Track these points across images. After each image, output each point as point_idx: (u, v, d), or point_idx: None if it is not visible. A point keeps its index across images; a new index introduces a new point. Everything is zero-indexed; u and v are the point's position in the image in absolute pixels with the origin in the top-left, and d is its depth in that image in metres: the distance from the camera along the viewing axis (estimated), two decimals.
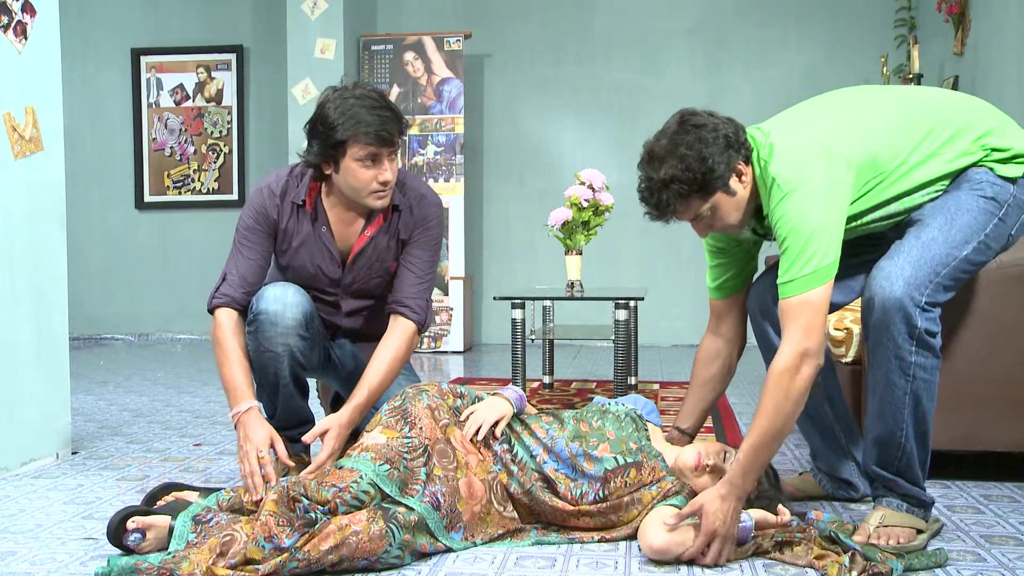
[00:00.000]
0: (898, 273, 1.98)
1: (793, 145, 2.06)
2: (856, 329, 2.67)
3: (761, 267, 2.52)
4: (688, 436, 2.40)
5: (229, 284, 2.50)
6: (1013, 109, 4.50)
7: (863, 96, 2.23)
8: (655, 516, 2.05)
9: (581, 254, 4.11)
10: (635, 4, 6.69)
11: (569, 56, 6.76)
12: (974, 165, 2.09)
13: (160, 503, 2.15)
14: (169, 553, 1.88)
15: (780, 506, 2.09)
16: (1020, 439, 2.57)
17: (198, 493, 2.19)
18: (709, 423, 3.60)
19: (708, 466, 2.13)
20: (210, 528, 1.96)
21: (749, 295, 2.37)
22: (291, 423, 2.59)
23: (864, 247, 2.22)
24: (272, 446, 2.29)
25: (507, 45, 6.80)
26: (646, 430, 2.24)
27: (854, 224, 2.09)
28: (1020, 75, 4.41)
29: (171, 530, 1.98)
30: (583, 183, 4.01)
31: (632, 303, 4.21)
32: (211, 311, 2.49)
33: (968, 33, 5.14)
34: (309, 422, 2.62)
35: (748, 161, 2.07)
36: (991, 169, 2.08)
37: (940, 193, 2.09)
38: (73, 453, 3.11)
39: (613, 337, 3.85)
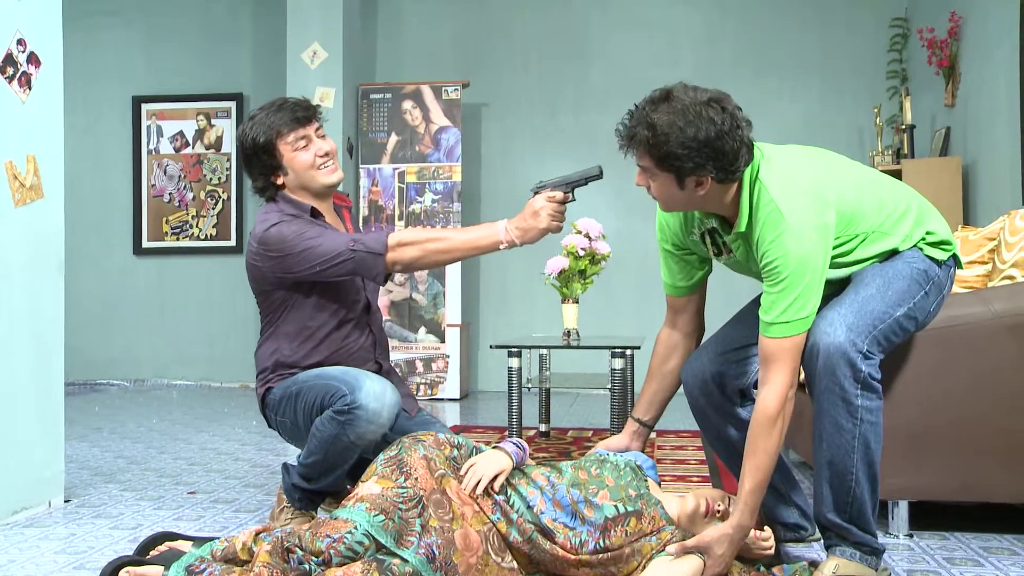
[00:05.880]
0: (840, 320, 2.06)
1: (794, 180, 2.07)
2: None
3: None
4: (647, 427, 2.45)
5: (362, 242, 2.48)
6: (1003, 159, 4.55)
7: (850, 162, 2.30)
8: (655, 564, 2.07)
9: (578, 302, 4.12)
10: (631, 55, 6.78)
11: (566, 106, 6.84)
12: (911, 247, 2.20)
13: (153, 553, 2.13)
14: None
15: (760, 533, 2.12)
16: (1019, 490, 2.56)
17: (192, 543, 2.17)
18: (703, 456, 3.59)
19: (719, 512, 2.16)
20: None
21: (688, 373, 2.38)
22: (328, 492, 2.60)
23: None
24: None
25: (505, 94, 6.88)
26: (645, 480, 2.24)
27: None
28: (1010, 127, 4.46)
29: None
30: (580, 232, 4.03)
31: (628, 351, 4.21)
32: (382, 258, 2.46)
33: (959, 85, 5.21)
34: (341, 493, 2.63)
35: (721, 181, 2.05)
36: (921, 250, 2.19)
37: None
38: (66, 501, 3.08)
39: (610, 386, 3.85)
